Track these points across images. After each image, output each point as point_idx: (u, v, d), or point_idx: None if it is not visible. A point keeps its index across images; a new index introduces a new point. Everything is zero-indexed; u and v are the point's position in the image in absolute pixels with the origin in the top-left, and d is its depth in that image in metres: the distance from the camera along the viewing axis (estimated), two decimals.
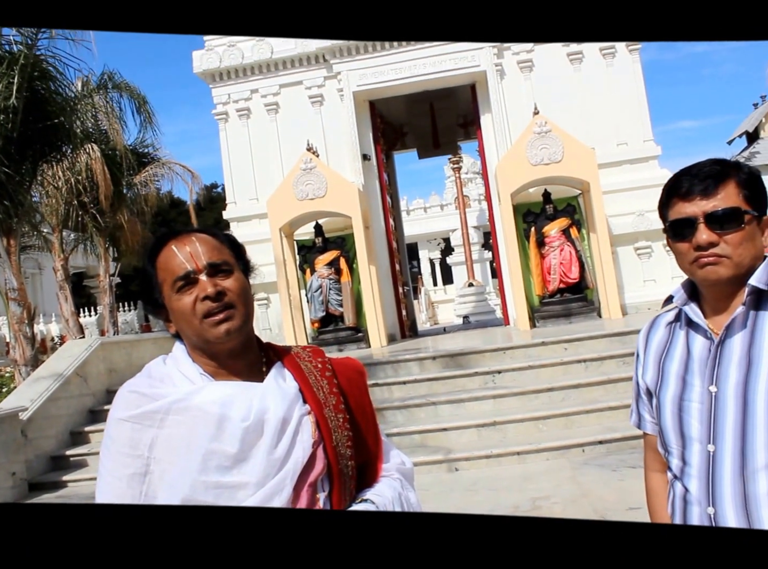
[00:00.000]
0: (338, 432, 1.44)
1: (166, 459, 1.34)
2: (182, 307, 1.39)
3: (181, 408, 1.35)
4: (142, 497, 1.34)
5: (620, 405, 7.13)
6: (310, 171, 11.68)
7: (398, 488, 1.51)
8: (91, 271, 21.83)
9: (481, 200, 31.35)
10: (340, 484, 1.43)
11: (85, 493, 7.66)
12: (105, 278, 13.75)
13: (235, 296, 1.39)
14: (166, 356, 1.50)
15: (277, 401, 1.39)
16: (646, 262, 12.28)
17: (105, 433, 1.44)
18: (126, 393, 1.42)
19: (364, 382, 1.58)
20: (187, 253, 1.40)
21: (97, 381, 9.88)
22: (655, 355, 1.63)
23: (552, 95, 12.31)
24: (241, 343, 1.41)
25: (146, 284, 1.47)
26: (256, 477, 1.34)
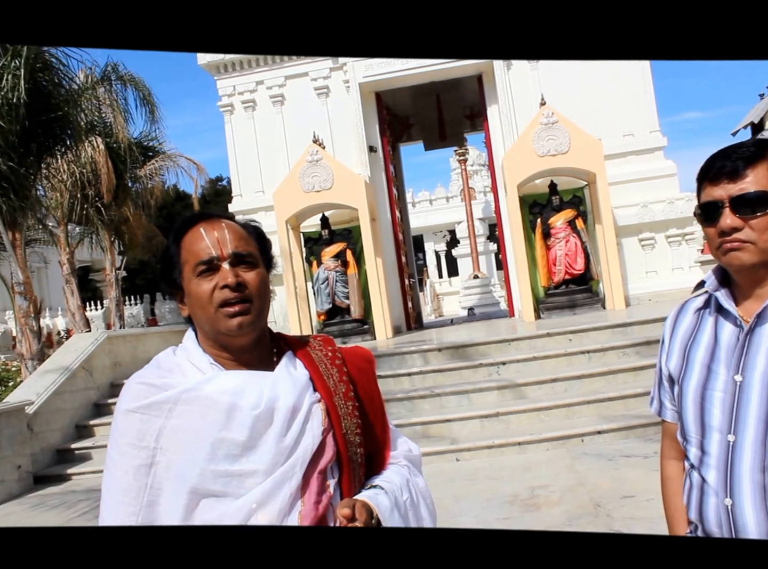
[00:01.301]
0: (347, 419, 1.44)
1: (173, 449, 1.34)
2: (200, 292, 1.38)
3: (191, 398, 1.35)
4: (147, 489, 1.34)
5: (618, 395, 7.19)
6: (317, 163, 11.66)
7: (406, 474, 1.52)
8: (97, 264, 21.89)
9: (487, 192, 31.29)
10: (350, 471, 1.44)
11: (90, 486, 7.71)
12: (111, 272, 13.79)
13: (254, 290, 1.39)
14: (175, 347, 1.50)
15: (287, 389, 1.39)
16: (649, 254, 12.24)
17: (112, 425, 1.43)
18: (134, 385, 1.41)
19: (372, 371, 1.59)
20: (214, 238, 1.39)
21: (102, 374, 9.92)
22: (681, 342, 1.60)
23: (559, 86, 12.25)
24: (252, 339, 1.41)
25: (167, 262, 1.46)
26: (265, 464, 1.34)
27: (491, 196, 30.34)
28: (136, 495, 1.34)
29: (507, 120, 12.40)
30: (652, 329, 8.61)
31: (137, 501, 1.33)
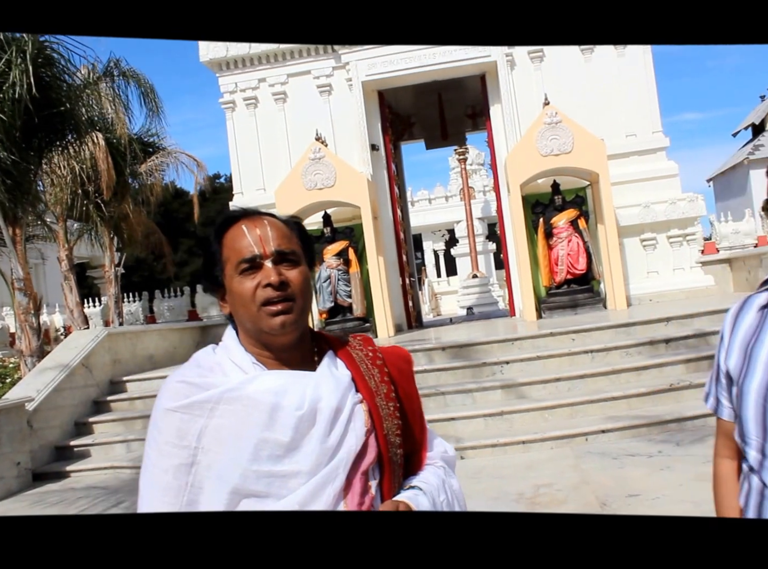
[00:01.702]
0: (389, 420, 1.43)
1: (215, 449, 1.32)
2: (242, 291, 1.37)
3: (233, 398, 1.33)
4: (188, 488, 1.32)
5: (622, 395, 7.19)
6: (319, 160, 11.63)
7: (442, 475, 1.51)
8: (94, 261, 21.84)
9: (486, 191, 31.30)
10: (391, 472, 1.43)
11: (89, 483, 7.69)
12: (110, 268, 13.72)
13: (297, 289, 1.37)
14: (214, 345, 1.47)
15: (330, 390, 1.38)
16: (650, 254, 12.24)
17: (151, 424, 1.40)
18: (174, 383, 1.39)
19: (411, 371, 1.57)
20: (256, 235, 1.38)
21: (102, 372, 9.89)
22: (742, 340, 1.51)
23: (562, 86, 12.24)
24: (294, 338, 1.40)
25: (208, 260, 1.44)
26: (308, 465, 1.32)
27: (490, 195, 30.51)
28: (176, 495, 1.32)
29: (510, 119, 12.38)
30: (654, 329, 8.60)
31: (177, 500, 1.32)
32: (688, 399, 7.02)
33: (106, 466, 8.07)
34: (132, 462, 7.98)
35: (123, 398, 9.56)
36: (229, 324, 1.48)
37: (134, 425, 8.97)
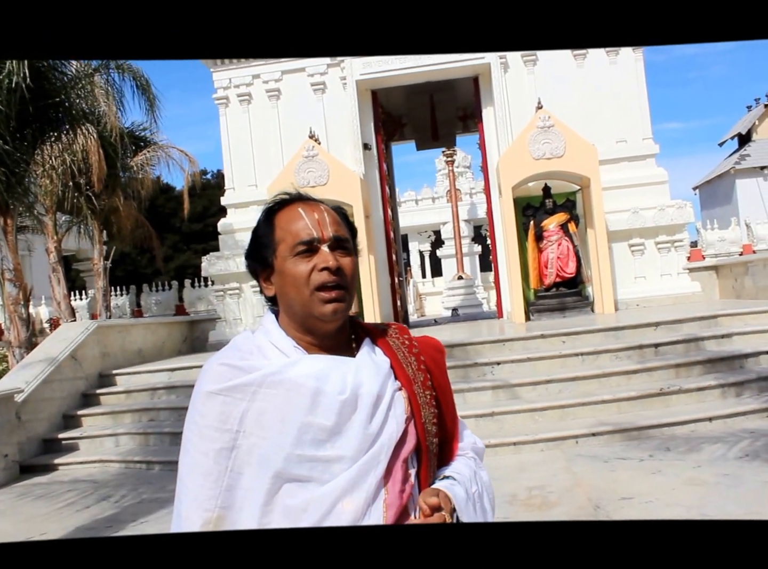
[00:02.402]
0: (426, 408, 1.43)
1: (257, 432, 1.32)
2: (297, 273, 1.36)
3: (276, 382, 1.33)
4: (227, 472, 1.31)
5: (613, 398, 7.26)
6: (312, 158, 11.64)
7: (473, 466, 1.52)
8: (81, 254, 21.65)
9: (473, 194, 31.41)
10: (428, 461, 1.43)
11: (76, 477, 7.65)
12: (99, 261, 13.64)
13: (349, 278, 1.39)
14: (253, 329, 1.48)
15: (371, 376, 1.38)
16: (638, 259, 12.36)
17: (191, 407, 1.39)
18: (216, 366, 1.38)
19: (444, 361, 1.58)
20: (314, 219, 1.38)
21: (91, 364, 9.84)
22: None
23: (554, 90, 12.32)
24: (340, 325, 1.41)
25: (257, 240, 1.44)
26: (352, 450, 1.32)
27: (477, 197, 30.63)
28: (216, 479, 1.31)
29: (502, 122, 12.44)
30: (643, 334, 8.71)
31: (217, 485, 1.31)
32: (677, 405, 7.11)
33: (94, 460, 8.04)
34: (121, 457, 7.96)
35: (112, 391, 9.52)
36: (267, 308, 1.48)
37: (123, 419, 8.94)
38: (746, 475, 5.02)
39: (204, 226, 31.86)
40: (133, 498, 6.41)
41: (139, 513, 5.83)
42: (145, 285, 15.28)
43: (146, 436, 8.28)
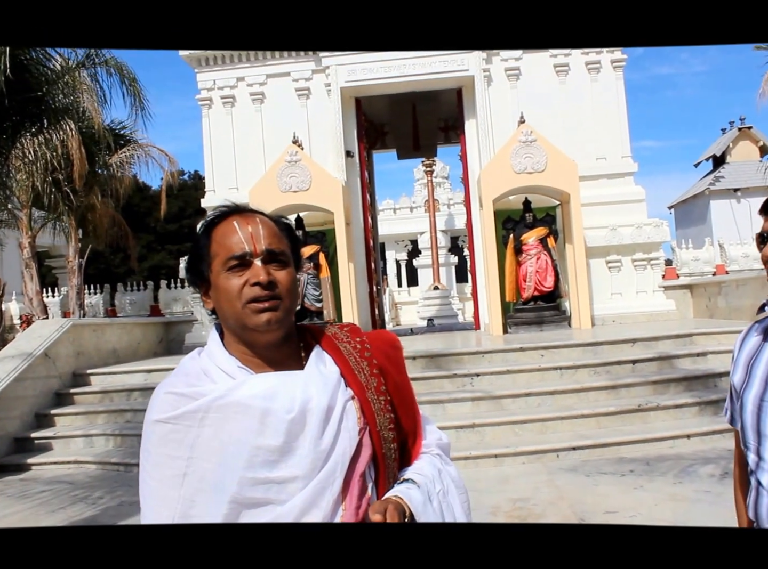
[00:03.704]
0: (381, 415, 1.40)
1: (207, 457, 1.30)
2: (229, 287, 1.34)
3: (222, 406, 1.31)
4: (180, 500, 1.30)
5: (592, 413, 7.33)
6: (295, 163, 11.61)
7: (438, 464, 1.48)
8: (54, 250, 21.32)
9: (451, 204, 31.56)
10: (385, 469, 1.40)
11: (50, 477, 7.52)
12: (74, 259, 13.45)
13: (284, 289, 1.35)
14: (201, 349, 1.45)
15: (319, 389, 1.35)
16: (615, 276, 12.52)
17: (143, 436, 1.39)
18: (163, 395, 1.37)
19: (400, 357, 1.53)
20: (248, 233, 1.35)
21: (66, 363, 9.69)
22: (745, 358, 1.73)
23: (537, 105, 12.46)
24: (279, 336, 1.37)
25: (196, 253, 1.41)
26: (304, 469, 1.30)
27: (454, 208, 30.77)
28: (169, 505, 1.30)
29: (484, 135, 12.55)
30: (620, 350, 8.81)
31: (171, 512, 1.30)
32: (655, 420, 7.21)
33: (69, 460, 7.91)
34: (96, 458, 7.83)
35: (87, 391, 9.38)
36: (214, 326, 1.46)
37: (98, 419, 8.81)
38: (727, 493, 5.06)
39: (179, 226, 31.59)
40: (111, 500, 6.31)
41: (119, 516, 5.75)
42: (120, 284, 15.09)
43: (123, 438, 8.16)
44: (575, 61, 12.82)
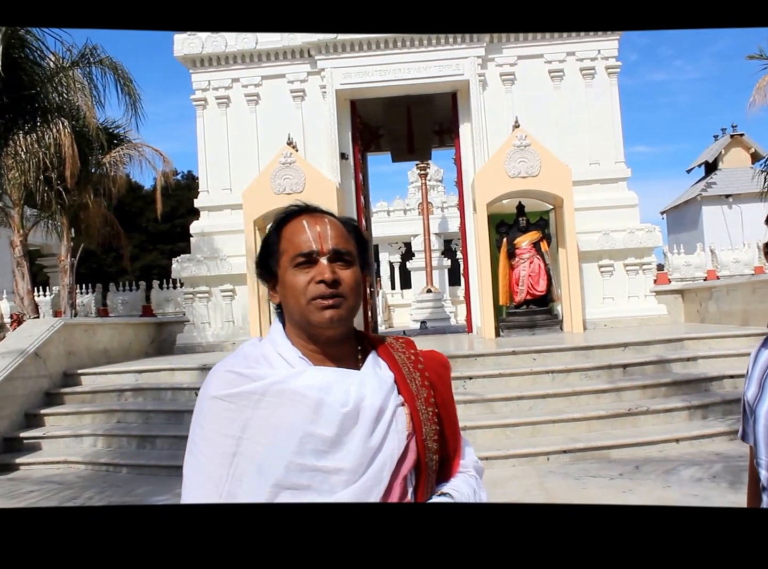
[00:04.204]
0: (427, 425, 1.43)
1: (259, 440, 1.33)
2: (295, 283, 1.39)
3: (279, 391, 1.34)
4: (229, 479, 1.33)
5: (583, 417, 7.35)
6: (289, 165, 11.62)
7: (474, 485, 1.52)
8: (46, 249, 21.24)
9: (444, 208, 31.61)
10: (426, 478, 1.44)
11: (39, 477, 7.49)
12: (66, 258, 13.40)
13: (348, 288, 1.40)
14: (260, 337, 1.49)
15: (374, 389, 1.39)
16: (607, 280, 12.56)
17: (196, 410, 1.41)
18: (222, 372, 1.40)
19: (449, 377, 1.58)
20: (316, 232, 1.40)
21: (56, 363, 9.65)
22: (759, 372, 1.68)
23: (531, 109, 12.51)
24: (341, 333, 1.42)
25: (265, 249, 1.47)
26: (351, 463, 1.33)
27: (448, 211, 30.81)
28: (217, 483, 1.33)
29: (479, 139, 12.58)
30: (612, 354, 8.84)
31: (218, 489, 1.33)
32: (645, 425, 7.23)
33: (58, 461, 7.87)
34: (85, 458, 7.80)
35: (77, 391, 9.34)
36: (276, 316, 1.50)
37: (89, 419, 8.78)
38: (714, 497, 5.12)
39: (172, 226, 31.52)
40: (101, 500, 6.29)
41: None
42: (111, 284, 15.05)
43: (113, 438, 8.14)
44: (570, 66, 12.88)
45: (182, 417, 8.24)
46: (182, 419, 8.24)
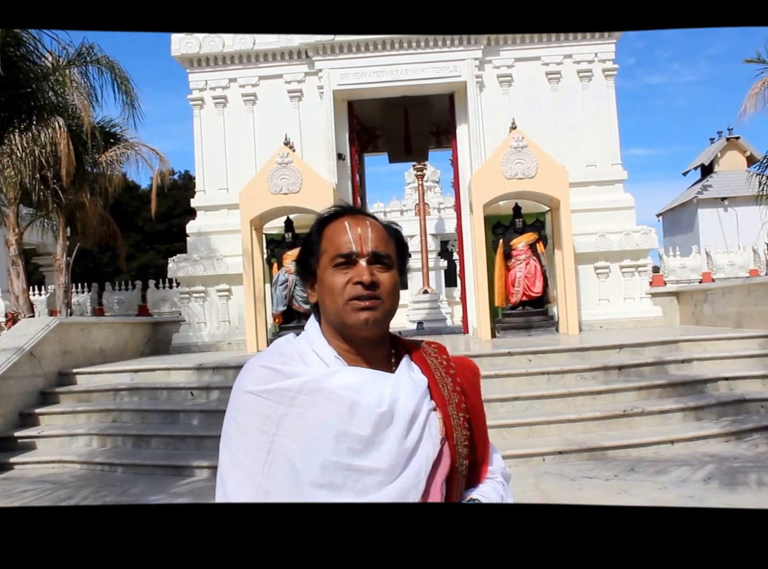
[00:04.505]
0: (458, 430, 1.45)
1: (292, 437, 1.34)
2: (333, 283, 1.40)
3: (314, 390, 1.35)
4: (264, 474, 1.33)
5: (578, 418, 7.36)
6: (286, 165, 11.61)
7: (501, 491, 1.52)
8: (42, 248, 21.19)
9: (441, 209, 31.62)
10: (456, 483, 1.45)
11: (34, 476, 7.46)
12: (62, 257, 13.36)
13: (386, 291, 1.40)
14: (296, 334, 1.50)
15: (408, 392, 1.40)
16: (603, 282, 12.58)
17: (230, 405, 1.42)
18: (258, 367, 1.41)
19: (479, 384, 1.59)
20: (357, 234, 1.42)
21: (51, 362, 9.63)
22: None
23: (528, 111, 12.53)
24: (376, 335, 1.43)
25: (306, 248, 1.48)
26: (386, 463, 1.33)
27: (444, 212, 30.82)
28: (253, 477, 1.34)
29: (476, 140, 12.60)
30: (607, 355, 8.85)
31: (254, 484, 1.33)
32: (640, 426, 7.24)
33: (53, 460, 7.85)
34: (80, 457, 7.79)
35: (72, 390, 9.32)
36: (312, 314, 1.51)
37: (84, 419, 8.76)
38: (709, 498, 5.13)
39: (168, 226, 31.47)
40: (96, 500, 6.28)
41: None
42: (107, 283, 15.02)
43: (108, 438, 8.12)
44: (567, 68, 12.90)
45: (177, 417, 8.24)
46: (178, 419, 8.23)
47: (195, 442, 7.67)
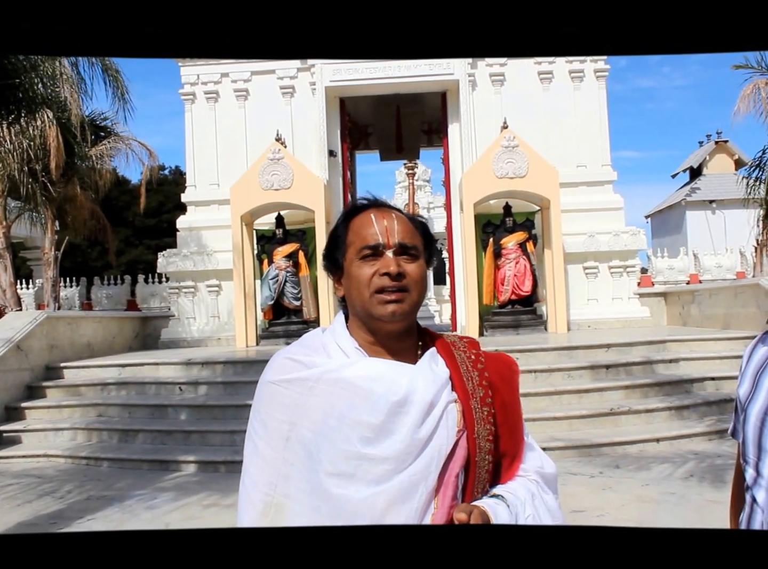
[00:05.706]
0: (480, 424, 1.43)
1: (309, 426, 1.36)
2: (360, 275, 1.41)
3: (332, 380, 1.37)
4: (283, 461, 1.37)
5: (565, 416, 7.41)
6: (278, 161, 11.60)
7: (533, 489, 1.47)
8: (30, 242, 21.06)
9: (431, 208, 31.63)
10: (475, 476, 1.43)
11: (19, 470, 7.44)
12: (50, 251, 13.30)
13: (413, 282, 1.41)
14: (324, 327, 1.53)
15: (426, 383, 1.40)
16: (591, 282, 12.63)
17: (256, 396, 1.47)
18: (282, 359, 1.45)
19: (515, 380, 1.57)
20: (383, 225, 1.42)
21: (38, 356, 9.58)
22: (753, 370, 1.66)
23: (520, 111, 12.55)
24: (401, 327, 1.43)
25: (333, 241, 1.49)
26: (396, 452, 1.33)
27: (434, 211, 30.82)
28: (274, 465, 1.37)
29: (467, 139, 12.62)
30: (595, 354, 8.90)
31: (276, 472, 1.37)
32: (626, 424, 7.29)
33: (38, 454, 7.82)
34: (65, 452, 7.76)
35: (59, 385, 9.28)
36: (340, 308, 1.53)
37: (70, 413, 8.73)
38: (691, 495, 5.18)
39: (158, 221, 31.36)
40: (79, 494, 6.25)
41: (86, 510, 5.69)
42: (96, 278, 14.95)
43: (95, 432, 8.09)
44: (559, 69, 12.94)
45: (165, 412, 8.22)
46: (165, 413, 8.22)
47: (182, 437, 7.66)
